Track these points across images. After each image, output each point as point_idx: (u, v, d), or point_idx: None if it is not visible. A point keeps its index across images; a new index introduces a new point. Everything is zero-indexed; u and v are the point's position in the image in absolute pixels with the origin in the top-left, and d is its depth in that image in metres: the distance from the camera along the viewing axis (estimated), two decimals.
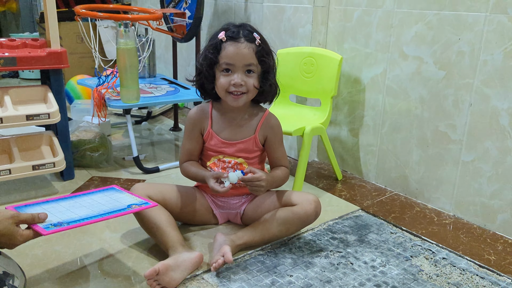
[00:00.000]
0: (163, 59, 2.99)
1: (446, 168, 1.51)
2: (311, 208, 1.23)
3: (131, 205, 1.08)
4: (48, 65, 1.49)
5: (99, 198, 1.13)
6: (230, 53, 1.15)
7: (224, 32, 1.17)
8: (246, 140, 1.27)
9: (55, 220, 0.97)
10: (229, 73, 1.17)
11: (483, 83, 1.37)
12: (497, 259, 1.26)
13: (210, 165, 1.30)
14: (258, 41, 1.17)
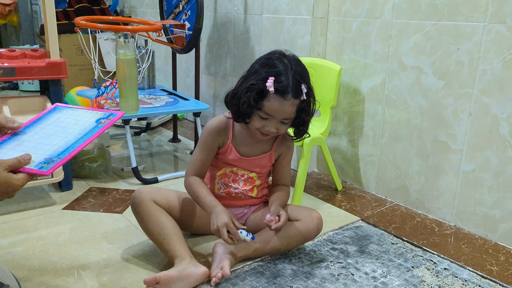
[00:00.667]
0: (162, 71, 3.00)
1: (447, 178, 1.51)
2: (313, 224, 1.23)
3: (99, 119, 1.02)
4: (47, 76, 1.49)
5: (57, 122, 1.05)
6: (273, 108, 1.11)
7: (273, 80, 1.09)
8: (262, 156, 1.27)
9: (40, 158, 0.92)
10: (265, 120, 1.14)
11: (483, 93, 1.37)
12: (500, 270, 1.25)
13: (221, 175, 1.29)
14: (303, 96, 1.12)
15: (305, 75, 1.15)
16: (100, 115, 1.05)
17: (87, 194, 1.64)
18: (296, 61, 1.15)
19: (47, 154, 0.94)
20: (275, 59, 1.13)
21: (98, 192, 1.66)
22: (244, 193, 1.29)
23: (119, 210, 1.52)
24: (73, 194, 1.63)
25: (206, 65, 2.58)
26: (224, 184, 1.29)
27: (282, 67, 1.11)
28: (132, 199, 1.22)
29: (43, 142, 0.98)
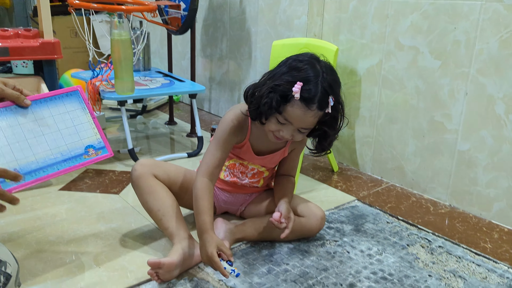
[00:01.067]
0: (158, 53, 2.97)
1: (442, 158, 1.51)
2: (316, 223, 1.22)
3: (90, 146, 1.01)
4: (41, 56, 1.48)
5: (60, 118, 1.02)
6: (294, 115, 1.03)
7: (301, 86, 1.00)
8: (276, 154, 1.23)
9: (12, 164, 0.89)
10: (282, 125, 1.06)
11: (479, 72, 1.37)
12: (493, 247, 1.26)
13: (229, 165, 1.26)
14: (329, 109, 1.03)
15: (336, 86, 1.06)
16: (94, 141, 1.03)
17: (83, 175, 1.64)
18: (329, 70, 1.06)
19: (20, 164, 0.92)
20: (306, 63, 1.04)
21: (94, 174, 1.66)
22: (250, 184, 1.28)
23: (116, 191, 1.52)
24: (69, 176, 1.62)
25: (202, 47, 2.56)
26: (232, 174, 1.27)
27: (312, 74, 1.02)
28: (132, 172, 1.19)
29: (29, 140, 0.96)
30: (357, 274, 1.11)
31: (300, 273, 1.10)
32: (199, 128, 1.95)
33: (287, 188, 1.24)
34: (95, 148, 1.02)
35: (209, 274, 1.08)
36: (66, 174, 1.13)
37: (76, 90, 1.07)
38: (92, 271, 1.08)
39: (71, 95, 1.07)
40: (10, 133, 0.94)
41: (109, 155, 1.04)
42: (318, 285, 1.06)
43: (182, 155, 1.86)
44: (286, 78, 1.02)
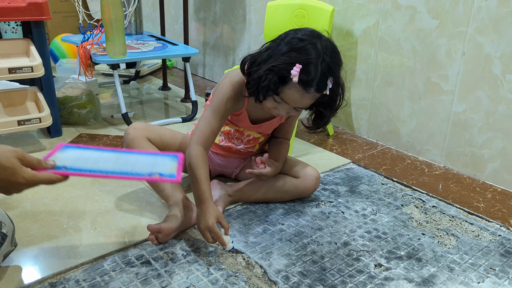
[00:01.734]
0: (150, 18, 2.91)
1: (438, 120, 1.51)
2: (311, 184, 1.22)
3: (154, 173, 0.91)
4: (29, 16, 1.43)
5: (143, 159, 0.97)
6: (291, 97, 1.01)
7: (300, 68, 0.97)
8: (273, 121, 1.22)
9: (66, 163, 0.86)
10: (279, 103, 1.04)
11: (477, 31, 1.35)
12: (486, 207, 1.28)
13: (224, 132, 1.25)
14: (327, 91, 1.01)
15: (336, 68, 1.03)
16: (164, 171, 0.91)
17: (77, 140, 1.63)
18: (330, 50, 1.01)
19: (67, 163, 0.87)
20: (307, 43, 0.99)
21: (88, 138, 1.64)
22: (245, 148, 1.28)
23: None
24: (63, 140, 1.61)
25: (195, 10, 2.50)
26: (227, 139, 1.26)
27: (313, 55, 0.98)
28: (125, 135, 1.19)
29: (99, 162, 0.92)
30: (352, 233, 1.12)
31: (295, 232, 1.11)
32: (193, 93, 1.92)
33: (280, 150, 1.24)
34: (162, 175, 0.91)
35: None
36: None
37: (176, 155, 0.99)
38: (88, 232, 1.08)
39: (169, 155, 1.00)
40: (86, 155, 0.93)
41: (175, 180, 0.90)
42: (313, 244, 1.07)
43: (177, 119, 1.85)
44: (285, 59, 0.99)
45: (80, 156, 0.93)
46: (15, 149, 0.79)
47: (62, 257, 0.98)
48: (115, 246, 1.03)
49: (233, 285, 0.92)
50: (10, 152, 0.77)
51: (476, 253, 1.06)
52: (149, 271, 0.95)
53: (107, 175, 0.88)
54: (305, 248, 1.05)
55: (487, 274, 0.99)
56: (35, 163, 0.81)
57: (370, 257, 1.03)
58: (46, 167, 0.82)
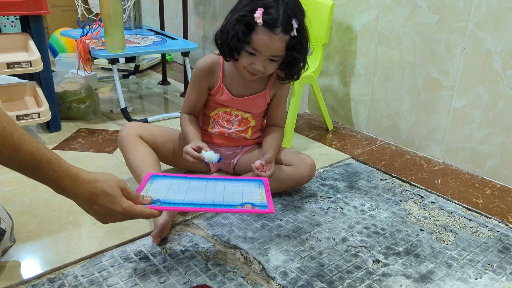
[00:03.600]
0: (149, 12, 2.89)
1: (437, 115, 1.50)
2: (306, 171, 1.22)
3: (245, 203, 0.93)
4: (27, 11, 1.42)
5: (230, 187, 1.01)
6: (261, 42, 1.05)
7: (263, 11, 1.03)
8: (256, 96, 1.23)
9: (158, 197, 0.92)
10: (252, 56, 1.09)
11: (477, 26, 1.34)
12: (485, 202, 1.28)
13: (214, 116, 1.26)
14: (294, 32, 1.05)
15: (298, 11, 1.08)
16: (256, 201, 0.94)
17: (76, 135, 1.63)
18: None
19: (160, 196, 0.93)
20: None
21: (87, 133, 1.64)
22: (237, 133, 1.28)
23: (109, 150, 1.51)
24: (62, 135, 1.61)
25: (195, 4, 2.49)
26: (218, 124, 1.27)
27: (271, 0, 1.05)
28: (119, 134, 1.22)
29: (188, 190, 0.97)
30: (350, 229, 1.12)
31: (293, 228, 1.11)
32: None
33: (273, 138, 1.24)
34: (254, 205, 0.93)
35: (203, 230, 1.09)
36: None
37: (261, 180, 1.06)
38: (87, 227, 1.08)
39: (254, 181, 1.06)
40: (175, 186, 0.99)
41: (268, 211, 0.91)
42: (311, 240, 1.07)
43: (176, 114, 1.85)
44: (247, 8, 1.05)
45: (170, 187, 0.98)
46: (119, 179, 0.83)
47: (61, 252, 0.99)
48: (114, 242, 1.03)
49: (231, 280, 0.92)
50: (114, 181, 0.81)
51: (474, 249, 1.06)
52: (148, 267, 0.95)
53: (201, 209, 0.91)
54: (304, 244, 1.05)
55: (485, 270, 0.99)
56: (133, 197, 0.85)
57: (368, 253, 1.03)
58: (143, 202, 0.87)
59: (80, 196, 0.78)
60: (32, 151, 0.72)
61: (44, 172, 0.74)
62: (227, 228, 1.10)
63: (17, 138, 0.70)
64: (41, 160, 0.73)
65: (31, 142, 0.72)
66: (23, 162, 0.72)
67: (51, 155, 0.75)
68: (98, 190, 0.79)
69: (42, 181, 0.76)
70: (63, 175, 0.76)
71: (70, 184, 0.77)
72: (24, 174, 0.74)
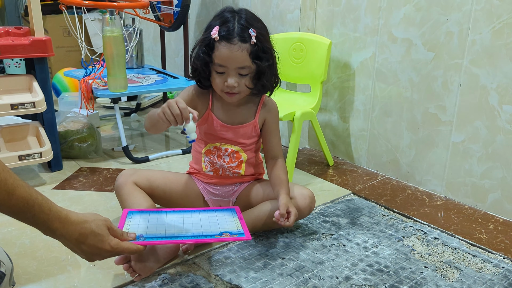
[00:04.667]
0: (151, 51, 2.96)
1: (437, 150, 1.51)
2: (305, 203, 1.21)
3: (223, 232, 1.02)
4: (32, 53, 1.46)
5: (206, 218, 1.09)
6: (222, 55, 1.08)
7: (218, 28, 1.08)
8: (246, 125, 1.23)
9: (139, 232, 0.98)
10: (223, 74, 1.11)
11: (472, 63, 1.37)
12: (489, 238, 1.26)
13: (205, 153, 1.26)
14: (253, 40, 1.08)
15: (255, 21, 1.12)
16: (232, 229, 1.04)
17: (77, 174, 1.63)
18: (247, 12, 1.13)
19: (147, 233, 0.98)
20: (224, 11, 1.12)
21: (88, 172, 1.65)
22: (231, 170, 1.26)
23: (110, 188, 1.51)
24: (63, 174, 1.61)
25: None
26: (210, 162, 1.26)
27: (229, 15, 1.10)
28: (115, 182, 1.22)
29: (167, 224, 1.04)
30: (353, 267, 1.11)
31: (296, 266, 1.10)
32: None
33: (278, 176, 1.21)
34: (232, 233, 1.02)
35: (204, 269, 1.08)
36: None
37: (233, 209, 1.16)
38: (87, 269, 1.07)
39: (226, 210, 1.16)
40: (154, 221, 1.05)
41: (246, 238, 1.02)
42: (314, 279, 1.05)
43: (177, 151, 1.86)
44: (207, 31, 1.11)
45: (149, 222, 1.04)
46: (105, 219, 0.88)
47: None
48: (114, 283, 1.02)
49: None
50: (101, 221, 0.86)
51: (480, 287, 1.04)
52: None
53: (183, 240, 0.99)
54: (306, 283, 1.04)
55: None
56: (119, 234, 0.90)
57: None
58: (128, 239, 0.92)
59: (69, 237, 0.82)
60: (24, 195, 0.75)
61: (35, 216, 0.78)
62: (228, 267, 1.09)
63: (10, 184, 0.74)
64: (33, 204, 0.76)
65: (24, 187, 0.76)
66: (16, 207, 0.75)
67: (42, 199, 0.78)
68: (87, 230, 0.83)
69: (33, 224, 0.79)
70: (53, 218, 0.79)
71: (60, 226, 0.81)
72: (16, 217, 0.77)
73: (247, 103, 1.23)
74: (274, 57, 1.16)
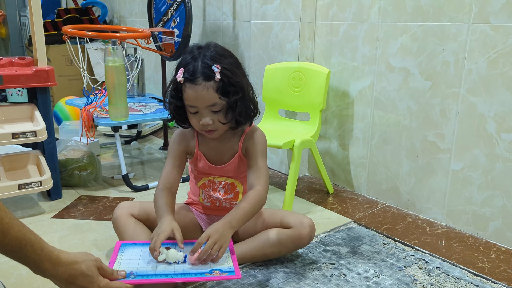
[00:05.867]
0: (152, 80, 3.00)
1: (436, 177, 1.51)
2: (305, 232, 1.19)
3: (213, 270, 1.01)
4: (35, 83, 1.48)
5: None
6: (190, 97, 1.08)
7: (183, 70, 1.08)
8: (232, 161, 1.22)
9: (130, 269, 1.00)
10: (196, 114, 1.11)
11: (469, 92, 1.39)
12: (491, 267, 1.25)
13: (201, 186, 1.27)
14: (217, 76, 1.06)
15: (219, 56, 1.10)
16: (223, 267, 1.03)
17: (76, 202, 1.63)
18: (215, 47, 1.12)
19: (138, 271, 0.99)
20: (187, 53, 1.12)
21: (88, 200, 1.64)
22: (227, 201, 1.26)
23: (109, 217, 1.50)
24: (63, 203, 1.61)
25: None
26: (207, 195, 1.27)
27: (195, 53, 1.10)
28: (113, 215, 1.23)
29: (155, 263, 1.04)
30: None
31: None
32: None
33: (240, 201, 1.14)
34: (222, 271, 1.01)
35: None
36: None
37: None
38: None
39: None
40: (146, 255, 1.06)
41: (236, 276, 1.00)
42: None
43: None
44: (173, 75, 1.12)
45: (141, 256, 1.05)
46: (96, 259, 0.89)
47: None
48: None
49: None
50: (91, 261, 0.87)
51: None
52: None
53: (172, 279, 0.98)
54: None
55: None
56: (109, 273, 0.91)
57: None
58: (118, 277, 0.93)
59: (59, 278, 0.83)
60: (18, 235, 0.76)
61: (27, 256, 0.79)
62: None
63: (6, 223, 0.74)
64: (25, 244, 0.77)
65: (18, 226, 0.76)
66: (9, 246, 0.76)
67: (35, 239, 0.80)
68: (76, 272, 0.84)
69: (23, 263, 0.80)
70: (44, 259, 0.80)
71: (50, 267, 0.81)
72: (7, 255, 0.78)
73: (232, 137, 1.22)
74: (245, 89, 1.12)
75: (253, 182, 1.17)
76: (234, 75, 1.10)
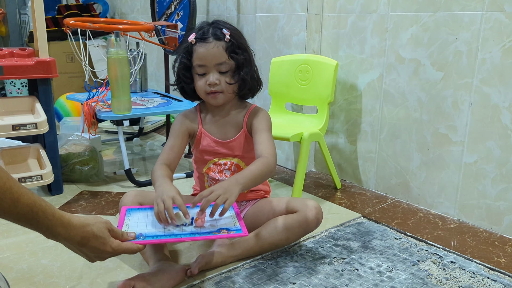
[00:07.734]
0: (154, 76, 2.96)
1: (448, 171, 1.47)
2: (312, 214, 1.16)
3: (221, 229, 1.01)
4: (36, 74, 1.44)
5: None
6: (200, 54, 1.14)
7: (194, 34, 1.16)
8: (237, 137, 1.21)
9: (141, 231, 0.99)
10: (204, 75, 1.16)
11: (483, 82, 1.35)
12: (508, 261, 1.21)
13: (206, 171, 1.25)
14: (227, 37, 1.14)
15: (227, 25, 1.17)
16: (230, 226, 1.02)
17: (78, 197, 1.58)
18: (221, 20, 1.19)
19: (146, 233, 0.98)
20: (201, 24, 1.19)
21: (89, 196, 1.60)
22: None
23: (112, 212, 1.46)
24: (64, 198, 1.57)
25: None
26: (213, 179, 1.24)
27: (204, 23, 1.18)
28: (120, 203, 1.19)
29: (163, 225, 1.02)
30: None
31: None
32: None
33: (250, 165, 1.10)
34: (229, 230, 1.01)
35: None
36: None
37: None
38: None
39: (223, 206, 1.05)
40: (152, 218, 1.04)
41: (243, 234, 1.00)
42: None
43: (180, 175, 1.82)
44: (184, 41, 1.21)
45: (147, 219, 1.04)
46: (106, 221, 0.90)
47: None
48: None
49: None
50: (102, 223, 0.88)
51: None
52: None
53: (181, 239, 0.99)
54: None
55: None
56: (119, 235, 0.92)
57: None
58: (128, 239, 0.93)
59: (72, 241, 0.84)
60: (29, 202, 0.76)
61: (39, 222, 0.79)
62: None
63: (15, 192, 0.74)
64: (37, 211, 0.77)
65: (28, 194, 0.77)
66: (21, 214, 0.76)
67: (45, 205, 0.79)
68: (88, 234, 0.85)
69: (36, 229, 0.80)
70: (56, 223, 0.81)
71: (62, 231, 0.82)
72: (20, 224, 0.78)
73: (237, 114, 1.23)
74: (251, 55, 1.20)
75: (261, 153, 1.12)
76: (241, 40, 1.18)
